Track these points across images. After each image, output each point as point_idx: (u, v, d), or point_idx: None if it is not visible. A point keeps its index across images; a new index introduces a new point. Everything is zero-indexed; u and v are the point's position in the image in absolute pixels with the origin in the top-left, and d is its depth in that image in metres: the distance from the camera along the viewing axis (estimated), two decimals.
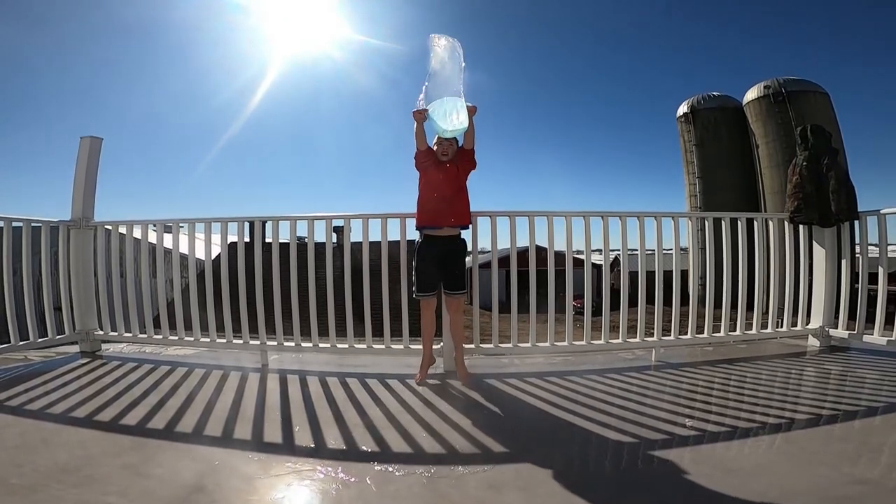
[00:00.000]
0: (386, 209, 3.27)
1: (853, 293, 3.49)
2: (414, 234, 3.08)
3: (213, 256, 3.49)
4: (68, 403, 2.51)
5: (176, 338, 3.52)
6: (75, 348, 3.70)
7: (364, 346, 3.29)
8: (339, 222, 3.36)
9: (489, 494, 1.62)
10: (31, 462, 1.85)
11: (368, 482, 1.69)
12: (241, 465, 1.83)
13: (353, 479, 1.71)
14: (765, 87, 25.54)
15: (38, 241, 3.47)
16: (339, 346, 3.30)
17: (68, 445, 2.00)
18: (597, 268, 5.58)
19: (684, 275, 3.46)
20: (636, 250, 3.40)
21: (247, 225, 3.52)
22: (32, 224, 3.47)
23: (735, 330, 3.53)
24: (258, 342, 3.34)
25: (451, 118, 2.74)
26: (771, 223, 3.65)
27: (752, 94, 26.16)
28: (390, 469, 1.80)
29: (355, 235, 3.31)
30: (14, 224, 3.36)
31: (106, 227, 3.76)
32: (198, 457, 1.89)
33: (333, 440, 2.06)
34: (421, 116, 2.80)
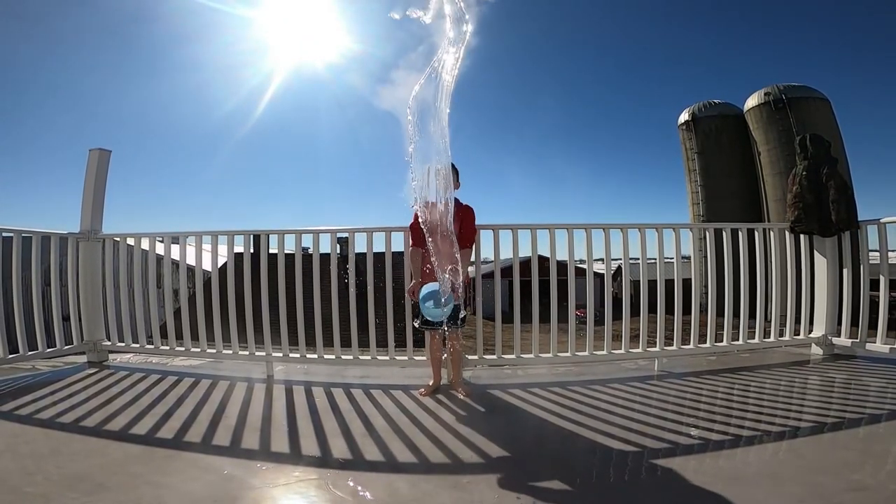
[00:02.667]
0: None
1: (855, 301, 3.50)
2: None
3: (219, 266, 3.54)
4: (77, 413, 2.54)
5: (182, 348, 3.56)
6: (83, 358, 3.74)
7: (368, 356, 3.32)
8: (344, 234, 3.41)
9: (495, 502, 1.64)
10: (42, 471, 1.88)
11: (374, 491, 1.71)
12: (250, 474, 1.86)
13: (359, 488, 1.73)
14: (765, 94, 25.66)
15: (47, 251, 3.53)
16: (343, 357, 3.33)
17: (79, 455, 2.03)
18: (599, 277, 5.60)
19: (686, 283, 3.48)
20: (637, 259, 3.43)
21: (252, 238, 3.57)
22: (42, 236, 3.53)
23: (738, 339, 3.54)
24: (263, 353, 3.37)
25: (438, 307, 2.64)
26: (772, 233, 3.68)
27: (752, 101, 26.29)
28: (396, 478, 1.82)
29: (359, 247, 3.36)
30: (23, 235, 3.41)
31: (114, 238, 3.82)
32: (207, 466, 1.92)
33: (339, 450, 2.08)
34: (413, 297, 2.82)
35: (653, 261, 3.45)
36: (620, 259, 3.41)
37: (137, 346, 3.67)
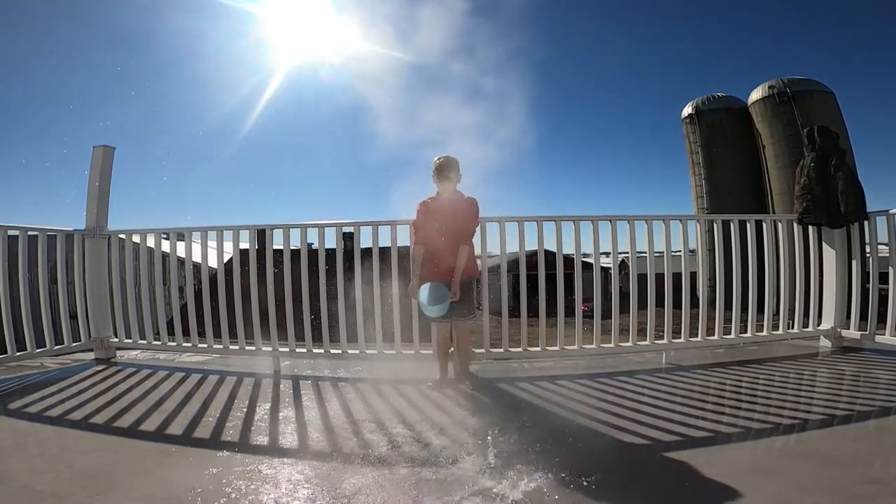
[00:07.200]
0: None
1: (864, 293, 3.47)
2: None
3: (225, 262, 3.54)
4: (86, 410, 2.55)
5: (189, 345, 3.56)
6: (90, 355, 3.75)
7: (375, 351, 3.32)
8: (349, 229, 3.40)
9: (505, 495, 1.64)
10: (53, 469, 1.89)
11: (380, 484, 1.71)
12: (261, 468, 1.86)
13: (368, 482, 1.73)
14: (769, 87, 25.45)
15: (53, 249, 3.53)
16: (350, 351, 3.33)
17: (89, 452, 2.04)
18: (605, 271, 5.58)
19: (693, 276, 3.46)
20: (644, 252, 3.40)
21: (257, 233, 3.57)
22: (47, 233, 3.53)
23: (746, 332, 3.52)
24: (270, 348, 3.37)
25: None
26: (780, 225, 3.65)
27: (756, 95, 26.09)
28: (405, 471, 1.81)
29: (365, 241, 3.35)
30: (29, 233, 3.42)
31: (119, 235, 3.82)
32: (217, 462, 1.92)
33: (347, 444, 2.08)
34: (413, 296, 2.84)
35: (660, 254, 3.43)
36: (627, 252, 3.40)
37: (145, 342, 3.67)
